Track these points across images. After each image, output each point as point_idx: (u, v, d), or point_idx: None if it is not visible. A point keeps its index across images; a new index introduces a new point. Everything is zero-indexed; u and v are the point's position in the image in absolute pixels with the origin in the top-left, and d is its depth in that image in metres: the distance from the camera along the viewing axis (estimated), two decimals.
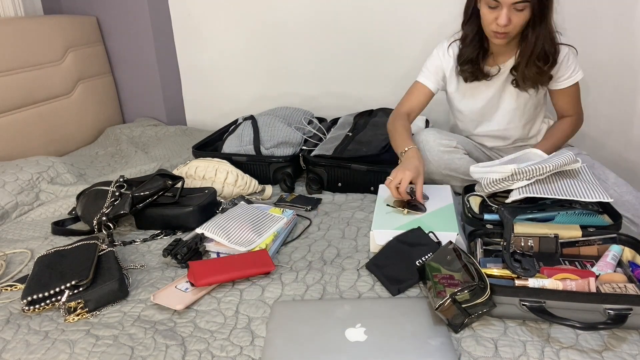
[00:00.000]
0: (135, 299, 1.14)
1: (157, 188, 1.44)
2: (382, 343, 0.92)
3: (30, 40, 2.08)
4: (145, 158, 2.09)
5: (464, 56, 1.52)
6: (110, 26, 2.46)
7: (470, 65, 1.52)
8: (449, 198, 1.43)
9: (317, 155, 1.77)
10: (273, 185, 1.79)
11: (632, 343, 0.92)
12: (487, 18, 1.38)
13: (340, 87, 2.35)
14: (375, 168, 1.66)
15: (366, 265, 1.22)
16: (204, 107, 2.63)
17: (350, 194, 1.69)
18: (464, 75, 1.55)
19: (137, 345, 0.98)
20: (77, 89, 2.32)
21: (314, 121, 2.12)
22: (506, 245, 1.11)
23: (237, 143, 1.88)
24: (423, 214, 1.34)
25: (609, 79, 1.99)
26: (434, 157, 1.54)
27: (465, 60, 1.52)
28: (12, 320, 1.08)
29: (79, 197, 1.56)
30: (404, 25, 2.16)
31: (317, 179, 1.73)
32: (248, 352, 0.95)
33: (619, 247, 1.14)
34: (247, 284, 1.17)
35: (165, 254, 1.27)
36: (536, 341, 0.94)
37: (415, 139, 1.59)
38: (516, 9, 1.33)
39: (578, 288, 0.99)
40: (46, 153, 2.14)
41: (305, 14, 2.27)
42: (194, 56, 2.53)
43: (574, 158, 1.31)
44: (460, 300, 0.97)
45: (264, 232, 1.32)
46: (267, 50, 2.40)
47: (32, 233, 1.50)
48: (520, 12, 1.34)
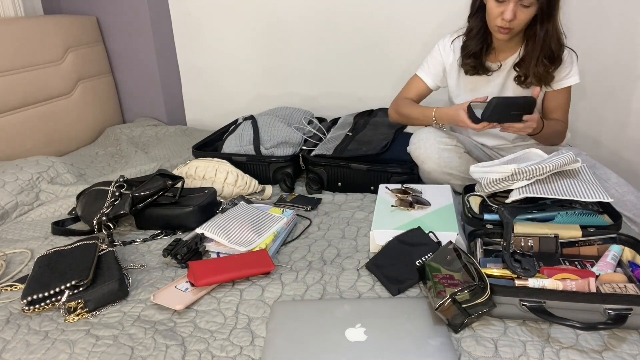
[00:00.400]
0: (135, 299, 1.14)
1: (157, 188, 1.44)
2: (382, 343, 0.92)
3: (30, 40, 2.08)
4: (145, 158, 2.08)
5: (467, 49, 1.53)
6: (110, 26, 2.46)
7: (473, 58, 1.53)
8: (449, 198, 1.43)
9: (317, 155, 1.77)
10: (273, 185, 1.79)
11: (632, 343, 0.92)
12: (493, 12, 1.39)
13: (340, 87, 2.35)
14: (375, 167, 1.66)
15: (366, 265, 1.22)
16: (204, 107, 2.63)
17: (350, 193, 1.69)
18: (466, 68, 1.56)
19: (137, 345, 0.98)
20: (77, 89, 2.32)
21: (314, 121, 2.12)
22: (506, 245, 1.11)
23: (237, 143, 1.88)
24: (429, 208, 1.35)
25: (605, 79, 2.00)
26: (434, 154, 1.54)
27: (469, 53, 1.53)
28: (12, 320, 1.08)
29: (79, 197, 1.56)
30: (404, 25, 2.16)
31: (317, 178, 1.73)
32: (248, 352, 0.95)
33: (619, 247, 1.14)
34: (247, 284, 1.17)
35: (165, 254, 1.27)
36: (536, 341, 0.94)
37: (415, 137, 1.60)
38: (523, 4, 1.34)
39: (578, 288, 0.99)
40: (46, 153, 2.14)
41: (305, 14, 2.27)
42: (194, 56, 2.53)
43: (574, 158, 1.31)
44: (460, 301, 0.97)
45: (264, 232, 1.32)
46: (267, 50, 2.40)
47: (32, 233, 1.50)
48: (526, 8, 1.35)
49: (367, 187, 1.69)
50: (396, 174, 1.65)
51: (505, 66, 1.53)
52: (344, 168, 1.70)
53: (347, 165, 1.69)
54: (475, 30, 1.51)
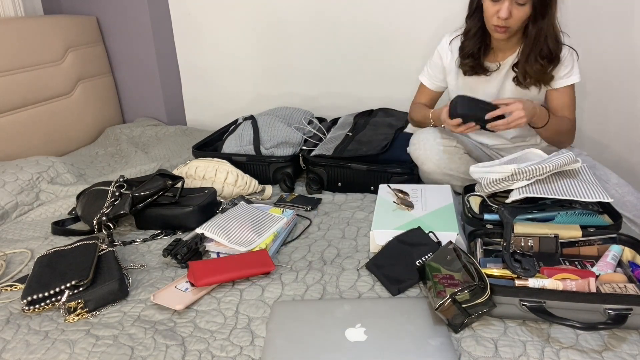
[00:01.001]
0: (135, 299, 1.14)
1: (157, 188, 1.44)
2: (382, 343, 0.92)
3: (30, 40, 2.08)
4: (145, 158, 2.08)
5: (465, 49, 1.53)
6: (110, 26, 2.46)
7: (471, 59, 1.53)
8: (449, 198, 1.43)
9: (317, 155, 1.77)
10: (273, 186, 1.79)
11: (632, 343, 0.92)
12: (489, 11, 1.39)
13: (340, 87, 2.35)
14: (375, 167, 1.66)
15: (366, 265, 1.22)
16: (204, 107, 2.63)
17: (350, 193, 1.69)
18: (464, 69, 1.56)
19: (137, 345, 0.98)
20: (77, 89, 2.32)
21: (314, 121, 2.12)
22: (506, 245, 1.11)
23: (237, 143, 1.88)
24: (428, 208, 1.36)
25: (611, 81, 1.99)
26: (434, 156, 1.54)
27: (467, 54, 1.53)
28: (12, 320, 1.08)
29: (79, 197, 1.56)
30: (404, 24, 2.16)
31: (317, 179, 1.73)
32: (248, 352, 0.95)
33: (619, 247, 1.14)
34: (247, 284, 1.17)
35: (165, 254, 1.27)
36: (536, 341, 0.94)
37: (415, 138, 1.60)
38: (518, 3, 1.34)
39: (578, 288, 0.99)
40: (46, 153, 2.14)
41: (305, 14, 2.27)
42: (194, 56, 2.53)
43: (574, 158, 1.31)
44: (460, 300, 0.97)
45: (264, 232, 1.32)
46: (267, 50, 2.40)
47: (32, 233, 1.50)
48: (521, 6, 1.35)
49: (367, 187, 1.69)
50: (396, 174, 1.65)
51: (504, 66, 1.53)
52: (344, 168, 1.70)
53: (347, 166, 1.69)
54: (473, 30, 1.51)
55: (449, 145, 1.56)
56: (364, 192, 1.69)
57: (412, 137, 1.62)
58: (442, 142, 1.56)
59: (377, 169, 1.66)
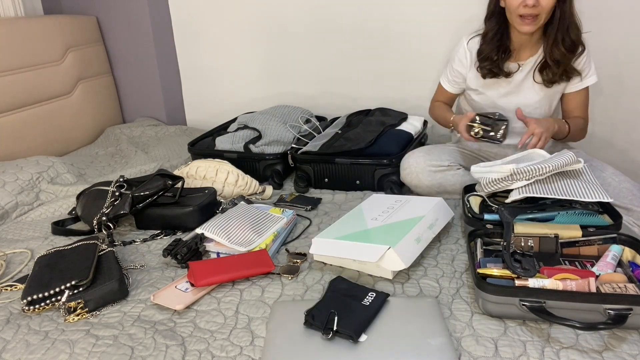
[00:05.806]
0: (135, 299, 1.14)
1: (157, 188, 1.44)
2: (382, 343, 0.92)
3: (30, 40, 2.08)
4: (145, 158, 2.08)
5: (483, 53, 1.53)
6: (110, 26, 2.46)
7: (489, 62, 1.52)
8: (425, 210, 1.31)
9: (304, 152, 1.78)
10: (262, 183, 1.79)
11: (632, 343, 0.92)
12: (513, 3, 1.39)
13: (340, 87, 2.35)
14: (359, 161, 1.67)
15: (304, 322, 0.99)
16: (204, 107, 2.63)
17: (350, 192, 1.70)
18: (482, 72, 1.55)
19: (137, 345, 0.98)
20: (77, 89, 2.32)
21: (311, 120, 2.12)
22: (506, 245, 1.11)
23: (229, 140, 1.90)
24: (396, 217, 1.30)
25: (614, 79, 1.98)
26: (426, 178, 1.55)
27: (485, 57, 1.53)
28: (12, 320, 1.08)
29: (79, 197, 1.56)
30: (404, 24, 2.15)
31: (304, 176, 1.74)
32: (248, 352, 0.95)
33: (619, 247, 1.14)
34: (247, 284, 1.17)
35: (165, 254, 1.27)
36: (536, 341, 0.94)
37: (405, 162, 1.60)
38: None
39: (578, 288, 0.99)
40: (46, 153, 2.14)
41: (305, 14, 2.27)
42: (194, 56, 2.53)
43: (575, 159, 1.31)
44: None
45: (264, 232, 1.32)
46: (267, 50, 2.40)
47: (32, 233, 1.50)
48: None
49: (353, 182, 1.70)
50: (380, 166, 1.65)
51: (526, 66, 1.53)
52: (329, 163, 1.71)
53: (332, 160, 1.70)
54: (491, 34, 1.50)
55: (441, 165, 1.56)
56: (351, 187, 1.71)
57: (403, 161, 1.62)
58: (433, 163, 1.56)
59: (361, 162, 1.67)
